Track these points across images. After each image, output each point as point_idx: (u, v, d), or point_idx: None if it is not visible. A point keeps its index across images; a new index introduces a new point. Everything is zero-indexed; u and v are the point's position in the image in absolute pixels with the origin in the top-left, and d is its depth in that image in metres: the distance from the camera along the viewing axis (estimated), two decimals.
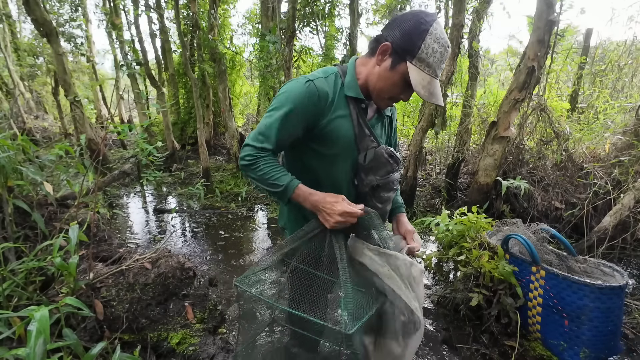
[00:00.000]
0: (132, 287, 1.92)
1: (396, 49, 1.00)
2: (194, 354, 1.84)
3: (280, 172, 1.06)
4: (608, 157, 3.51)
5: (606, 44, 6.19)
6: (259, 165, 1.04)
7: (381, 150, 1.14)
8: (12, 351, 1.16)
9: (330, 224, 1.04)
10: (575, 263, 2.10)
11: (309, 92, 1.03)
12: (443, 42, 0.98)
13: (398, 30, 0.99)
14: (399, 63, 1.00)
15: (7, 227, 1.87)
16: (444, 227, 2.66)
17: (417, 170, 4.41)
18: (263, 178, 1.05)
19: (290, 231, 1.27)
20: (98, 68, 12.48)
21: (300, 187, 1.06)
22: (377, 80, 1.06)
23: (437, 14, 5.85)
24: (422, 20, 0.96)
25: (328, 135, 1.08)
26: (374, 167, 1.13)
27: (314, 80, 1.04)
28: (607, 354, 1.88)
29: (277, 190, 1.05)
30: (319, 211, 1.06)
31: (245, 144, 1.07)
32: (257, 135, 1.06)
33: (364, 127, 1.12)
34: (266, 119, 1.06)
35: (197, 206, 4.81)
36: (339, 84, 1.09)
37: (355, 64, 1.13)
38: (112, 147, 8.93)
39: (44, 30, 4.96)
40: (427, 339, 2.20)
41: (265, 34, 4.95)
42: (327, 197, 1.05)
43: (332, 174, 1.14)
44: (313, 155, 1.13)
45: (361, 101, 1.11)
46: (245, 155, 1.06)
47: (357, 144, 1.12)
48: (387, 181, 1.16)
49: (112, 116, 8.74)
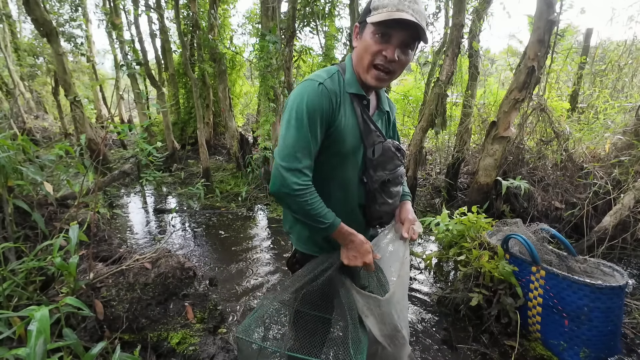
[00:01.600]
0: (132, 287, 1.92)
1: (360, 20, 1.05)
2: (194, 354, 1.84)
3: (324, 207, 1.04)
4: (608, 157, 3.51)
5: (606, 44, 6.19)
6: (306, 199, 1.00)
7: (388, 144, 1.14)
8: (12, 351, 1.16)
9: (353, 262, 1.09)
10: (575, 263, 2.10)
11: (323, 95, 1.02)
12: None
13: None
14: (365, 27, 1.03)
15: (7, 227, 1.87)
16: (444, 227, 2.66)
17: (417, 170, 4.41)
18: (308, 212, 1.02)
19: (296, 236, 1.25)
20: (98, 68, 12.48)
21: (342, 226, 1.07)
22: (357, 57, 1.07)
23: (438, 13, 5.86)
24: None
25: (337, 135, 1.07)
26: (383, 161, 1.14)
27: (324, 82, 1.03)
28: (607, 354, 1.88)
29: (321, 226, 1.04)
30: (348, 250, 1.10)
31: (285, 169, 0.98)
32: (293, 154, 0.99)
33: (369, 122, 1.12)
34: (295, 134, 1.00)
35: (197, 206, 4.81)
36: (341, 82, 1.09)
37: (352, 59, 1.12)
38: (112, 147, 8.93)
39: (44, 30, 4.96)
40: (427, 339, 2.20)
41: (265, 34, 4.95)
42: (363, 244, 1.10)
43: (341, 173, 1.13)
44: (322, 156, 1.09)
45: (363, 97, 1.11)
46: (291, 184, 0.98)
47: (363, 141, 1.12)
48: (396, 175, 1.17)
49: (112, 116, 8.75)
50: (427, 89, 6.37)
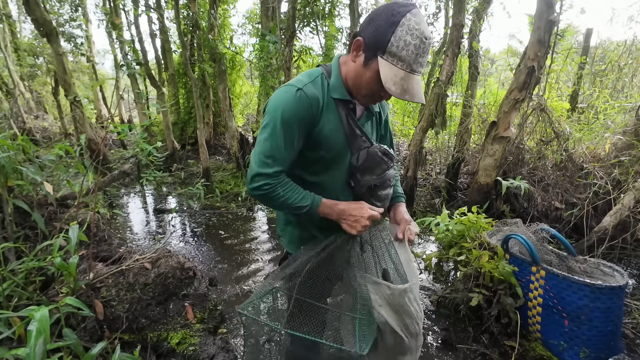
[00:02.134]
0: (132, 287, 1.92)
1: (368, 44, 0.95)
2: (194, 354, 1.84)
3: (300, 192, 1.05)
4: (608, 157, 3.51)
5: (606, 44, 6.19)
6: (277, 192, 1.02)
7: (374, 149, 1.12)
8: (12, 351, 1.16)
9: (358, 229, 1.06)
10: (575, 263, 2.10)
11: (301, 101, 0.99)
12: (418, 33, 0.89)
13: (371, 25, 0.94)
14: (372, 59, 0.95)
15: (7, 227, 1.87)
16: (444, 227, 2.66)
17: (417, 170, 4.41)
18: (286, 203, 1.03)
19: (287, 238, 1.25)
20: (98, 68, 12.49)
21: (323, 201, 1.06)
22: (353, 77, 1.03)
23: (438, 13, 5.86)
24: (394, 11, 0.89)
25: (321, 141, 1.05)
26: (369, 166, 1.12)
27: (303, 88, 1.00)
28: (607, 354, 1.88)
29: (303, 211, 1.05)
30: (345, 219, 1.07)
31: (254, 174, 1.01)
32: (264, 159, 1.00)
33: (355, 127, 1.09)
34: (267, 140, 1.00)
35: (197, 206, 4.81)
36: (325, 86, 1.06)
37: (339, 62, 1.09)
38: (112, 147, 8.93)
39: (44, 30, 4.96)
40: (427, 339, 2.20)
41: (265, 34, 4.95)
42: (351, 204, 1.08)
43: (327, 178, 1.13)
44: (307, 161, 1.09)
45: (348, 101, 1.08)
46: (260, 185, 1.01)
47: (349, 146, 1.10)
48: (384, 179, 1.15)
49: (112, 116, 8.75)
50: (427, 89, 6.37)
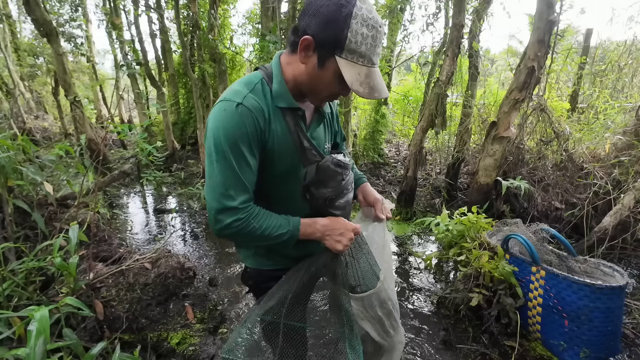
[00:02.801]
0: (132, 287, 1.92)
1: (319, 42, 0.83)
2: (194, 354, 1.85)
3: (275, 218, 0.94)
4: (608, 157, 3.51)
5: (606, 44, 6.19)
6: (252, 226, 0.89)
7: (326, 163, 0.98)
8: (12, 351, 1.16)
9: (344, 244, 0.98)
10: (575, 263, 2.10)
11: (243, 117, 0.86)
12: (373, 22, 0.81)
13: (316, 19, 0.81)
14: (328, 59, 0.84)
15: (7, 227, 1.87)
16: (444, 227, 2.66)
17: (417, 170, 4.41)
18: (263, 236, 0.91)
19: (243, 253, 1.14)
20: (98, 68, 12.47)
21: (302, 222, 0.97)
22: (307, 80, 0.90)
23: (438, 13, 5.86)
24: (342, 2, 0.79)
25: (270, 156, 0.94)
26: (322, 180, 0.99)
27: (242, 101, 0.86)
28: (607, 354, 1.88)
29: (284, 239, 0.94)
30: (329, 236, 0.98)
31: (217, 211, 0.87)
32: (224, 194, 0.86)
33: (303, 139, 0.97)
34: (221, 170, 0.86)
35: (197, 206, 4.81)
36: (267, 92, 0.93)
37: (280, 64, 0.95)
38: (112, 147, 8.93)
39: (44, 30, 4.96)
40: (427, 339, 2.20)
41: (265, 34, 4.95)
42: (331, 220, 1.00)
43: (282, 195, 1.03)
44: (260, 179, 0.96)
45: (297, 109, 0.95)
46: (229, 224, 0.87)
47: (300, 159, 0.99)
48: (341, 190, 1.03)
49: (112, 116, 8.74)
50: (427, 89, 6.37)
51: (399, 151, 7.90)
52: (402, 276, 3.04)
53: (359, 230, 1.03)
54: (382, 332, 1.10)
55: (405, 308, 2.54)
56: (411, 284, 2.89)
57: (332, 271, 1.08)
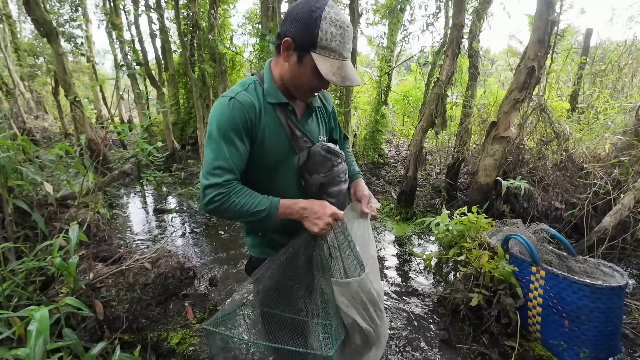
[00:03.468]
0: (132, 287, 1.92)
1: (298, 42, 0.98)
2: (194, 354, 1.85)
3: (256, 197, 1.02)
4: (608, 157, 3.51)
5: (606, 44, 6.18)
6: (232, 201, 0.98)
7: (316, 148, 1.11)
8: (12, 351, 1.16)
9: (320, 227, 1.03)
10: (575, 263, 2.11)
11: (235, 109, 1.00)
12: (340, 23, 0.96)
13: (294, 24, 0.98)
14: (304, 56, 0.99)
15: (7, 227, 1.87)
16: (444, 227, 2.66)
17: (417, 170, 4.40)
18: (242, 211, 1.00)
19: (250, 241, 1.25)
20: (98, 68, 12.48)
21: (281, 202, 1.04)
22: (290, 77, 1.05)
23: (438, 13, 5.86)
24: (313, 7, 0.95)
25: (264, 147, 1.06)
26: (314, 166, 1.11)
27: (235, 96, 1.02)
28: (607, 354, 1.88)
29: (262, 216, 1.01)
30: (307, 217, 1.05)
31: (204, 187, 0.99)
32: (212, 171, 0.99)
33: (295, 128, 1.10)
34: (212, 152, 1.00)
35: (197, 206, 4.81)
36: (260, 92, 1.07)
37: (270, 67, 1.11)
38: (112, 147, 8.93)
39: (44, 30, 4.96)
40: (427, 339, 2.20)
41: (265, 34, 4.95)
42: (313, 202, 1.06)
43: (277, 182, 1.12)
44: (255, 167, 1.09)
45: (286, 104, 1.09)
46: (212, 197, 0.97)
47: (293, 148, 1.11)
48: (332, 177, 1.13)
49: (112, 116, 8.74)
50: (427, 89, 6.37)
51: (399, 151, 7.90)
52: (402, 276, 3.04)
53: (339, 216, 1.07)
54: (368, 318, 1.14)
55: (405, 308, 2.54)
56: (411, 284, 2.89)
57: (310, 254, 1.12)
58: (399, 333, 2.26)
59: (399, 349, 2.11)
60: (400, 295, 2.72)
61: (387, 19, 6.43)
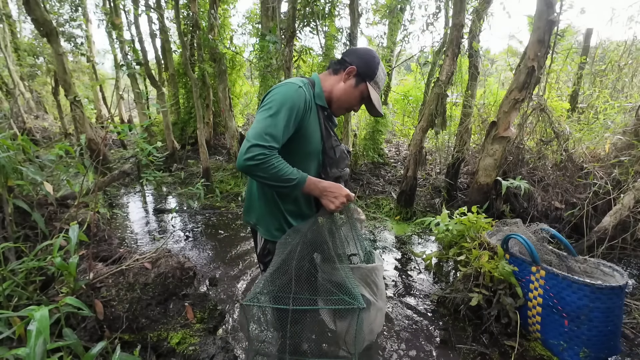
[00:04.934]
0: (132, 287, 1.92)
1: (360, 72, 1.33)
2: (194, 354, 1.85)
3: (290, 167, 1.19)
4: (608, 157, 3.51)
5: (606, 44, 6.18)
6: (272, 164, 1.13)
7: (342, 147, 1.46)
8: (12, 351, 1.16)
9: (336, 204, 1.25)
10: (575, 263, 2.11)
11: (301, 96, 1.23)
12: (384, 72, 1.40)
13: (360, 59, 1.33)
14: (361, 83, 1.34)
15: (7, 227, 1.87)
16: (444, 227, 2.66)
17: (417, 170, 4.40)
18: (277, 175, 1.15)
19: (265, 226, 1.41)
20: (98, 68, 12.47)
21: (309, 178, 1.23)
22: (342, 93, 1.35)
23: (438, 13, 5.86)
24: (374, 55, 1.36)
25: (305, 135, 1.28)
26: (339, 160, 1.41)
27: (302, 86, 1.25)
28: (607, 354, 1.88)
29: (291, 184, 1.18)
30: (326, 195, 1.26)
31: (251, 145, 1.12)
32: (263, 135, 1.13)
33: (330, 129, 1.39)
34: (269, 119, 1.16)
35: (197, 206, 4.81)
36: (310, 92, 1.31)
37: (320, 78, 1.39)
38: (112, 147, 8.93)
39: (44, 30, 4.96)
40: (427, 339, 2.20)
41: (265, 34, 4.95)
42: (332, 183, 1.28)
43: (304, 167, 1.29)
44: (289, 151, 1.27)
45: (325, 108, 1.37)
46: (255, 155, 1.11)
47: (324, 143, 1.36)
48: (344, 172, 1.46)
49: (112, 116, 8.74)
50: (427, 89, 6.37)
51: (399, 151, 7.90)
52: (402, 276, 3.04)
53: (351, 197, 1.29)
54: (373, 294, 1.39)
55: (405, 308, 2.54)
56: (411, 284, 2.89)
57: (329, 229, 1.35)
58: (399, 333, 2.26)
59: (399, 349, 2.11)
60: (400, 295, 2.72)
61: (387, 19, 6.43)
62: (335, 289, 1.26)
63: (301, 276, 1.27)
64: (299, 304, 1.23)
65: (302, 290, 1.28)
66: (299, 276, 1.27)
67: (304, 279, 1.28)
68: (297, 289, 1.26)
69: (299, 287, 1.27)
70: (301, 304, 1.24)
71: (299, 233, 1.32)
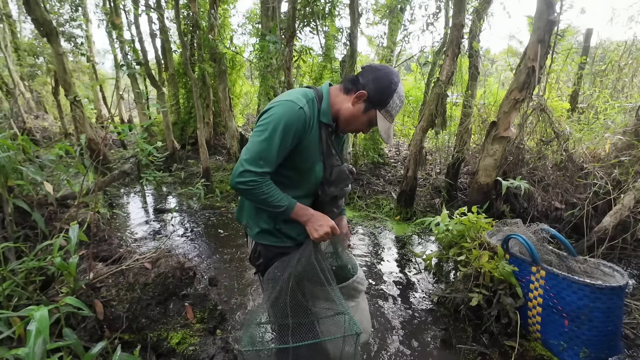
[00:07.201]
0: (132, 287, 1.92)
1: (370, 98, 1.22)
2: (194, 354, 1.84)
3: (280, 193, 1.20)
4: (608, 157, 3.51)
5: (606, 44, 6.18)
6: (262, 190, 1.16)
7: (344, 167, 1.37)
8: (12, 351, 1.16)
9: (319, 234, 1.24)
10: (575, 263, 2.10)
11: (300, 118, 1.17)
12: (402, 98, 1.25)
13: (374, 84, 1.21)
14: (370, 109, 1.24)
15: (7, 227, 1.87)
16: (444, 227, 2.66)
17: (417, 170, 4.40)
18: (266, 200, 1.18)
19: (254, 229, 1.38)
20: (98, 68, 12.46)
21: (297, 205, 1.24)
22: (349, 116, 1.26)
23: (438, 13, 5.86)
24: (393, 81, 1.21)
25: (303, 153, 1.24)
26: (337, 181, 1.35)
27: (303, 107, 1.18)
28: (607, 354, 1.88)
29: (279, 210, 1.20)
30: (311, 224, 1.26)
31: (244, 170, 1.13)
32: (257, 160, 1.14)
33: (332, 147, 1.31)
34: (264, 142, 1.13)
35: (197, 206, 4.81)
36: (315, 109, 1.25)
37: (330, 92, 1.29)
38: (112, 147, 8.93)
39: (44, 30, 4.96)
40: (427, 339, 2.20)
41: (266, 34, 4.95)
42: (319, 214, 1.28)
43: (300, 185, 1.31)
44: (286, 169, 1.25)
45: (330, 125, 1.29)
46: (248, 181, 1.14)
47: (324, 162, 1.31)
48: (344, 192, 1.41)
49: (112, 116, 8.74)
50: (427, 89, 6.37)
51: (399, 151, 7.90)
52: (402, 276, 3.04)
53: (336, 231, 1.28)
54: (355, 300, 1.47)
55: (405, 308, 2.54)
56: (411, 284, 2.89)
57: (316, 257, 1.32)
58: (399, 333, 2.26)
59: (399, 349, 2.11)
60: (400, 295, 2.72)
61: (387, 19, 6.44)
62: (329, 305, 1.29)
63: (297, 310, 1.27)
64: (298, 333, 1.22)
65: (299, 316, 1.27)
66: (295, 308, 1.26)
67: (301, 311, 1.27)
68: (294, 320, 1.25)
69: (296, 317, 1.26)
70: (300, 333, 1.22)
71: (287, 267, 1.29)
